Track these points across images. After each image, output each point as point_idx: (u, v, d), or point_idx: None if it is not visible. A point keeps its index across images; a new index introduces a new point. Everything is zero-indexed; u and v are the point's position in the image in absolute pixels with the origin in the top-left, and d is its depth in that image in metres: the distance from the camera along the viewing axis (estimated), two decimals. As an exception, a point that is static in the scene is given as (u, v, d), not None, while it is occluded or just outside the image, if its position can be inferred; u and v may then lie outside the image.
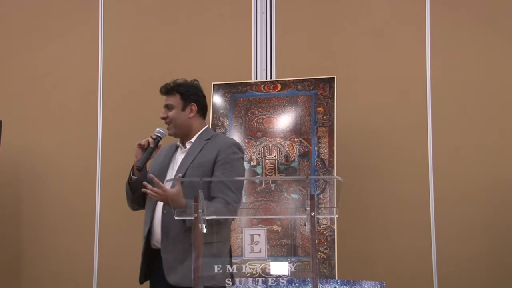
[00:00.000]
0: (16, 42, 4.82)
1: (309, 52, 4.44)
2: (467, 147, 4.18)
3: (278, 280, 3.54)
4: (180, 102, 2.98)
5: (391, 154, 4.26)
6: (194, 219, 2.28)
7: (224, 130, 4.12)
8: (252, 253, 2.34)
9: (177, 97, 2.99)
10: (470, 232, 4.10)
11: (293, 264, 3.70)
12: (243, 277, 3.49)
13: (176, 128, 2.97)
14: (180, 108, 2.98)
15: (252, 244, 2.32)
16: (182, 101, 2.99)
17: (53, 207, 4.59)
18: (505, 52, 4.21)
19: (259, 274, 3.48)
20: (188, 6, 4.66)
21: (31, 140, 4.67)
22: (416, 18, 4.34)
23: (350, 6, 4.47)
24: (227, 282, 2.39)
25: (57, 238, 4.55)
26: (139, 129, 4.53)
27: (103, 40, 4.69)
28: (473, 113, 4.21)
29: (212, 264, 2.33)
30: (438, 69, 4.27)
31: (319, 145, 3.97)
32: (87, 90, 4.66)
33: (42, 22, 4.81)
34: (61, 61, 4.74)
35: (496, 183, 4.11)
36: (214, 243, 2.54)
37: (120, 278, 4.39)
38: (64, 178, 4.60)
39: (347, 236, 4.01)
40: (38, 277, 4.54)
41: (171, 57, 4.59)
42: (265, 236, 2.32)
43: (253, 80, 4.39)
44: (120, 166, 4.52)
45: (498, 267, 4.06)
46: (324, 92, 4.08)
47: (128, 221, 4.44)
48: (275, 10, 4.52)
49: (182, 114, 2.97)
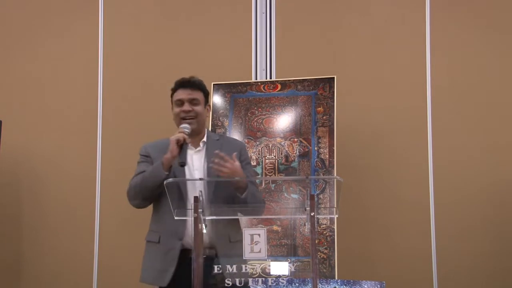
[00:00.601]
0: (16, 42, 4.82)
1: (309, 52, 4.44)
2: (467, 147, 4.18)
3: (278, 280, 3.54)
4: (203, 100, 2.92)
5: (391, 154, 4.26)
6: (194, 219, 2.28)
7: (224, 130, 4.12)
8: (252, 253, 2.34)
9: (201, 94, 2.91)
10: (470, 232, 4.10)
11: (293, 264, 3.70)
12: (243, 277, 3.49)
13: (198, 124, 2.87)
14: (203, 106, 2.92)
15: (252, 244, 2.32)
16: (204, 99, 2.93)
17: (53, 207, 4.59)
18: (505, 52, 4.22)
19: (259, 274, 3.48)
20: (188, 6, 4.66)
21: (31, 140, 4.67)
22: (416, 18, 4.34)
23: (350, 6, 4.47)
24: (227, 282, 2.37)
25: (57, 238, 4.55)
26: (139, 129, 4.54)
27: (103, 40, 4.69)
28: (473, 113, 4.21)
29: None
30: (438, 69, 4.28)
31: (319, 145, 3.97)
32: (87, 90, 4.66)
33: (42, 22, 4.81)
34: (61, 61, 4.74)
35: (496, 183, 4.11)
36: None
37: (120, 278, 4.39)
38: (64, 178, 4.60)
39: (347, 236, 4.01)
40: (38, 277, 4.54)
41: (171, 57, 4.59)
42: (265, 236, 2.32)
43: (253, 80, 4.39)
44: (120, 166, 4.54)
45: (498, 267, 4.06)
46: (324, 92, 4.08)
47: (128, 221, 4.45)
48: (275, 10, 4.52)
49: (204, 112, 2.92)
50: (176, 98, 2.90)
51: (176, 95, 2.90)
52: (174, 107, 2.91)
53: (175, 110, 2.89)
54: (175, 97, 2.91)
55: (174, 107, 2.91)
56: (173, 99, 2.92)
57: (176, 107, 2.89)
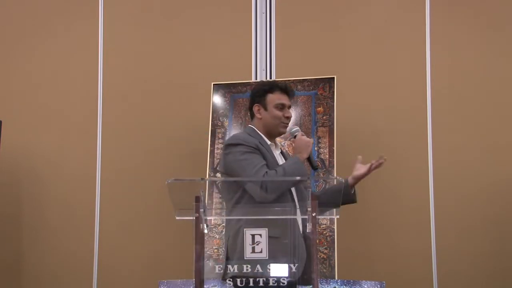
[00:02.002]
0: (16, 42, 4.82)
1: (309, 52, 4.44)
2: (467, 147, 4.18)
3: (278, 280, 3.54)
4: None
5: (391, 154, 4.23)
6: (195, 219, 2.28)
7: (224, 130, 4.12)
8: (253, 253, 2.34)
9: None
10: (470, 232, 4.10)
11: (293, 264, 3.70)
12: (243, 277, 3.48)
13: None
14: None
15: (253, 244, 2.32)
16: None
17: (53, 207, 4.58)
18: (505, 52, 4.22)
19: (259, 274, 3.47)
20: (188, 6, 4.65)
21: (31, 140, 4.67)
22: (416, 18, 4.34)
23: (350, 6, 4.47)
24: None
25: (57, 238, 4.55)
26: (139, 129, 4.54)
27: (103, 40, 4.69)
28: (473, 113, 4.21)
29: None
30: (438, 69, 4.28)
31: (319, 145, 3.97)
32: (87, 90, 4.66)
33: (42, 22, 4.80)
34: (61, 61, 4.73)
35: (496, 183, 4.11)
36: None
37: (120, 278, 4.39)
38: (64, 178, 4.60)
39: (347, 236, 4.01)
40: (38, 277, 4.54)
41: (171, 57, 4.59)
42: (266, 236, 2.32)
43: (253, 80, 4.39)
44: (120, 166, 4.55)
45: (498, 267, 4.06)
46: (324, 92, 4.08)
47: (128, 221, 4.46)
48: (275, 10, 4.52)
49: None
50: (279, 102, 2.95)
51: (279, 98, 2.96)
52: (273, 109, 2.96)
53: (276, 113, 2.94)
54: (277, 100, 2.96)
55: (273, 109, 2.95)
56: (273, 101, 2.96)
57: (277, 110, 2.95)
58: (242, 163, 2.79)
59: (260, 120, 2.97)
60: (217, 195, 3.95)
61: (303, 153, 2.85)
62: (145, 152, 4.50)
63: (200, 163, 4.10)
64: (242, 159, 2.80)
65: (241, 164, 2.79)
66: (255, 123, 3.00)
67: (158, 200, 4.21)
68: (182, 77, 4.56)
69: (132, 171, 4.51)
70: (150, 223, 4.41)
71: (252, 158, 2.80)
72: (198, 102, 4.36)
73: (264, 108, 2.96)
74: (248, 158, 2.80)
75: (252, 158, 2.81)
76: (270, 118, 2.95)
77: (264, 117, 2.95)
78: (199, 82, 4.43)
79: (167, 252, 4.33)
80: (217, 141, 4.12)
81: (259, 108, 2.97)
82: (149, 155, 4.49)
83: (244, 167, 2.78)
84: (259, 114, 2.97)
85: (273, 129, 2.95)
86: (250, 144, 2.84)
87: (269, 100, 2.96)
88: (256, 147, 2.84)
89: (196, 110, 4.38)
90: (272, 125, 2.95)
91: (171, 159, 4.43)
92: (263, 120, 2.96)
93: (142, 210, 4.45)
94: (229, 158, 2.85)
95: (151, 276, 4.12)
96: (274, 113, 2.94)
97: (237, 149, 2.83)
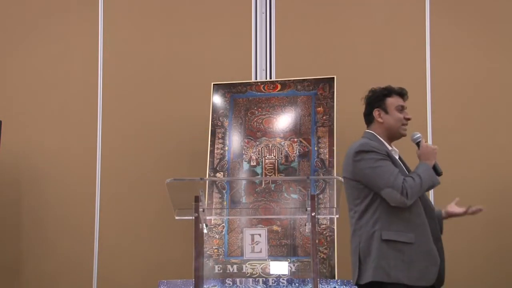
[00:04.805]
0: (16, 42, 4.82)
1: (309, 52, 4.45)
2: (467, 147, 4.18)
3: (278, 280, 3.55)
4: None
5: (391, 154, 4.25)
6: (195, 219, 2.28)
7: (224, 130, 4.12)
8: (252, 253, 2.34)
9: None
10: (470, 232, 4.10)
11: (293, 264, 3.71)
12: (243, 277, 3.49)
13: None
14: None
15: (253, 244, 2.32)
16: None
17: (53, 207, 4.58)
18: (505, 53, 4.22)
19: (259, 274, 3.48)
20: (188, 6, 4.66)
21: (31, 140, 4.67)
22: (416, 18, 4.34)
23: (350, 6, 4.47)
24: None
25: (57, 238, 4.55)
26: (139, 129, 4.54)
27: (103, 40, 4.69)
28: (473, 113, 4.21)
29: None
30: (438, 69, 4.28)
31: (319, 145, 3.97)
32: (87, 90, 4.66)
33: (42, 22, 4.80)
34: (61, 61, 4.73)
35: (496, 183, 4.11)
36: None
37: (120, 278, 4.39)
38: (64, 178, 4.60)
39: (347, 236, 4.00)
40: (38, 277, 4.54)
41: (171, 57, 4.59)
42: (265, 236, 2.33)
43: (253, 80, 4.39)
44: (120, 166, 4.56)
45: (498, 266, 4.06)
46: (324, 92, 4.08)
47: (128, 221, 4.46)
48: (275, 10, 4.52)
49: None
50: (400, 104, 3.03)
51: (399, 101, 3.04)
52: (395, 111, 3.02)
53: (398, 115, 3.01)
54: (397, 102, 3.04)
55: (395, 111, 3.02)
56: (393, 104, 3.04)
57: (398, 112, 3.02)
58: (377, 170, 2.88)
59: (381, 124, 3.02)
60: (217, 195, 3.95)
61: (431, 159, 2.97)
62: (145, 152, 4.50)
63: (200, 163, 4.10)
64: (376, 166, 2.89)
65: (377, 171, 2.88)
66: (374, 128, 3.05)
67: (158, 200, 4.21)
68: (182, 77, 4.56)
69: (132, 171, 4.51)
70: (150, 223, 4.41)
71: (387, 166, 2.90)
72: (198, 102, 4.36)
73: (385, 112, 3.02)
74: (383, 165, 2.90)
75: (387, 165, 2.91)
76: (393, 121, 3.01)
77: (386, 121, 3.01)
78: (199, 82, 4.43)
79: (167, 252, 4.33)
80: (217, 141, 4.12)
81: (379, 112, 3.03)
82: (149, 155, 4.49)
83: (380, 174, 2.87)
84: (380, 118, 3.02)
85: (395, 131, 3.02)
86: (381, 151, 2.93)
87: (389, 103, 3.03)
88: (387, 154, 2.94)
89: (196, 110, 4.38)
90: (395, 127, 3.01)
91: (171, 159, 4.43)
92: (384, 123, 3.02)
93: (142, 210, 4.45)
94: (361, 165, 2.92)
95: (151, 276, 4.12)
96: (396, 115, 3.01)
97: (369, 156, 2.91)
